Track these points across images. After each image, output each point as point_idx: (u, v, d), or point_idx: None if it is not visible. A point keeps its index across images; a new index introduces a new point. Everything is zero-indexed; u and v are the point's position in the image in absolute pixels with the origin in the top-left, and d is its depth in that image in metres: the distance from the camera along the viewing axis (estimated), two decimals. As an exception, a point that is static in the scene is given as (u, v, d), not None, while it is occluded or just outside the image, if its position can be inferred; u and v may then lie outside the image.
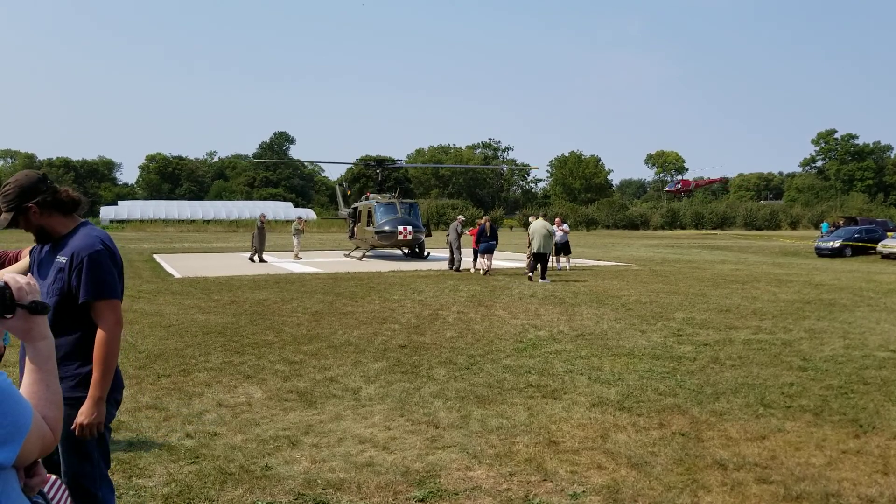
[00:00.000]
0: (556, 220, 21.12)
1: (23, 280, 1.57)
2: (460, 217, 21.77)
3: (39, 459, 1.54)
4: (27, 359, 1.60)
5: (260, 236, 23.12)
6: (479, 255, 18.97)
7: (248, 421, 5.57)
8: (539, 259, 16.76)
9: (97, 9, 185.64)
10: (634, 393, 6.44)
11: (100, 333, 2.92)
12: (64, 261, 2.91)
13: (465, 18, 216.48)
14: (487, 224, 19.20)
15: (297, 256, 25.31)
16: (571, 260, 21.20)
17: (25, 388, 1.55)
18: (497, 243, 18.87)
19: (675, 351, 8.40)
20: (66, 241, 2.96)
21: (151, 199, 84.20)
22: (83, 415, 2.90)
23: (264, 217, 24.56)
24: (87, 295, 2.90)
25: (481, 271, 18.65)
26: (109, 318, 2.94)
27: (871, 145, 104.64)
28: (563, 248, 20.20)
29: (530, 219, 20.21)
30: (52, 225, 2.96)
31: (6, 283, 1.54)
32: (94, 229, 3.04)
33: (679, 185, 42.31)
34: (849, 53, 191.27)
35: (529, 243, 17.26)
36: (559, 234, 20.17)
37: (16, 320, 1.56)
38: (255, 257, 23.26)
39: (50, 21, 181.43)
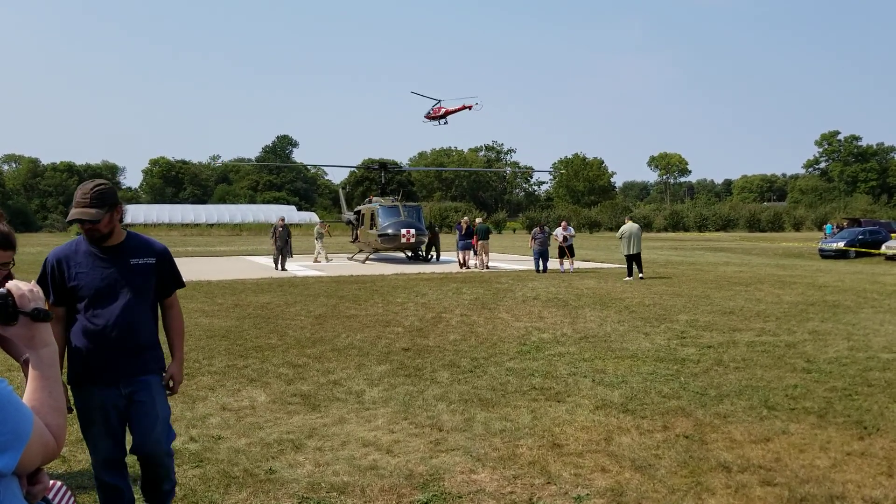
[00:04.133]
0: (563, 223, 21.41)
1: (25, 287, 1.56)
2: (465, 219, 23.96)
3: (43, 466, 1.54)
4: (30, 366, 1.59)
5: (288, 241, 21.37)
6: (458, 251, 22.03)
7: (252, 424, 5.57)
8: (632, 259, 17.94)
9: (101, 13, 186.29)
10: (638, 395, 6.43)
11: (178, 312, 3.69)
12: (153, 261, 3.47)
13: (468, 20, 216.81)
14: (464, 225, 22.53)
15: (316, 260, 25.26)
16: (575, 262, 21.21)
17: (28, 396, 1.54)
18: (472, 241, 21.97)
19: (679, 353, 8.39)
20: (131, 245, 3.44)
21: (155, 203, 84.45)
22: (179, 374, 3.64)
23: (283, 220, 22.31)
24: (176, 285, 3.64)
25: (463, 267, 21.54)
26: (176, 300, 3.71)
27: (875, 146, 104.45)
28: (568, 251, 20.29)
29: (556, 226, 20.93)
30: (118, 229, 3.40)
31: (8, 291, 1.53)
32: (144, 235, 3.64)
33: (432, 112, 42.88)
34: (852, 54, 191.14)
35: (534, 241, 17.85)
36: (564, 237, 20.29)
37: (18, 328, 1.55)
38: (285, 265, 21.42)
39: (53, 24, 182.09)
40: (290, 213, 75.93)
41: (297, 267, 22.71)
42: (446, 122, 41.16)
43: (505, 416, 5.81)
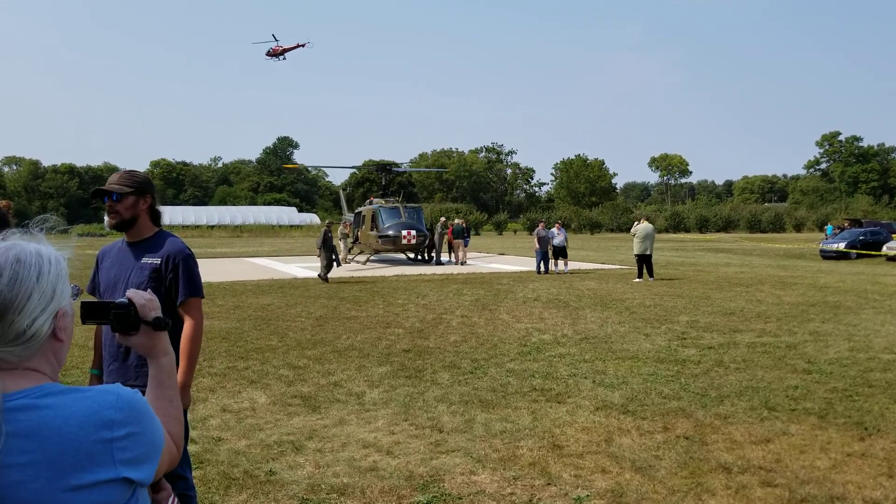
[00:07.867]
0: (557, 224, 21.50)
1: (146, 296, 1.56)
2: (442, 219, 27.32)
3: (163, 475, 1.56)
4: (150, 375, 1.58)
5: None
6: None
7: (252, 426, 5.57)
8: (643, 260, 18.16)
9: (101, 15, 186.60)
10: (638, 396, 6.43)
11: (190, 327, 3.18)
12: (158, 261, 3.15)
13: (468, 21, 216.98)
14: (464, 223, 25.89)
15: (345, 261, 25.06)
16: (570, 264, 21.25)
17: (150, 405, 1.56)
18: (469, 238, 25.09)
19: (680, 354, 8.39)
20: (151, 243, 3.21)
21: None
22: None
23: (330, 224, 19.95)
24: (185, 293, 3.18)
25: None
26: (197, 314, 3.24)
27: (876, 147, 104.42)
28: (561, 252, 20.32)
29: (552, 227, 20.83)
30: (143, 222, 3.22)
31: (130, 300, 1.53)
32: (176, 237, 3.33)
33: (271, 50, 50.48)
34: (853, 55, 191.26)
35: (539, 244, 17.99)
36: (558, 238, 20.29)
37: (139, 337, 1.55)
38: (327, 272, 17.86)
39: (54, 26, 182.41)
40: (290, 215, 75.99)
41: (304, 268, 22.69)
42: (284, 58, 50.67)
43: (505, 417, 5.81)
